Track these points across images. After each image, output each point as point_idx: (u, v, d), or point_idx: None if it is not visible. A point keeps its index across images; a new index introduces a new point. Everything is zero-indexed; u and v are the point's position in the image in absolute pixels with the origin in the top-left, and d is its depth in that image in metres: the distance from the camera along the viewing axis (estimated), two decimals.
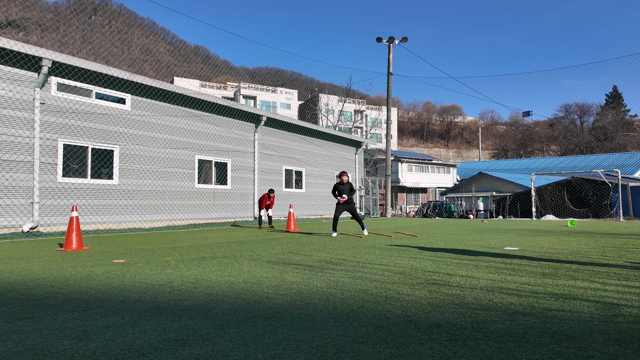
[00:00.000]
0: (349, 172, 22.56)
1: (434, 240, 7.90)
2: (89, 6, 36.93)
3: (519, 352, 1.97)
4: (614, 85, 72.10)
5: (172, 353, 2.00)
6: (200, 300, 3.09)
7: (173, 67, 60.98)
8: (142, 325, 2.48)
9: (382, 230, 11.35)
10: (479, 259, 5.25)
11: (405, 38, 24.21)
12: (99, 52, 28.93)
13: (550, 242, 7.38)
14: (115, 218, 11.92)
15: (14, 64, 9.95)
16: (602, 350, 1.99)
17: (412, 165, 42.63)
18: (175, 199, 13.64)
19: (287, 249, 6.57)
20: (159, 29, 62.12)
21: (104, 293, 3.39)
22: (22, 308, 2.92)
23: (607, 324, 2.42)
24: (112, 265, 4.92)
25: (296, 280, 3.88)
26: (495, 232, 10.09)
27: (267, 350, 2.02)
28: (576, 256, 5.44)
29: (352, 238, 8.67)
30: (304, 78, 73.82)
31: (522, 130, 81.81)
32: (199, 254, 5.99)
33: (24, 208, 10.12)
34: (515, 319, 2.53)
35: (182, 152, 13.91)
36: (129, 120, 12.38)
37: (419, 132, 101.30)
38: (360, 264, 4.84)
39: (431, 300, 3.02)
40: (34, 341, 2.20)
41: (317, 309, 2.80)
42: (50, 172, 10.61)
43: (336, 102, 50.99)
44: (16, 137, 10.02)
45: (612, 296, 3.10)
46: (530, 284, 3.61)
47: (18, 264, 5.07)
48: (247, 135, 16.46)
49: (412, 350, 2.01)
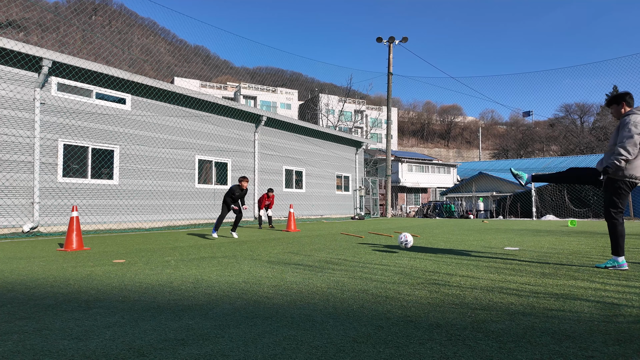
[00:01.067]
0: (349, 173, 22.59)
1: (434, 241, 7.90)
2: (89, 6, 36.96)
3: (519, 352, 1.97)
4: (614, 85, 71.99)
5: (172, 353, 2.00)
6: (201, 300, 3.09)
7: (173, 67, 60.97)
8: (142, 325, 2.48)
9: (382, 230, 11.34)
10: (479, 259, 5.25)
11: (405, 38, 24.21)
12: (99, 52, 28.94)
13: (550, 242, 7.37)
14: (115, 218, 11.92)
15: (15, 64, 9.95)
16: (602, 350, 1.99)
17: (412, 165, 42.63)
18: (176, 199, 13.64)
19: (287, 249, 6.57)
20: (159, 29, 62.06)
21: (104, 293, 3.39)
22: (22, 308, 2.92)
23: (607, 324, 2.42)
24: (112, 265, 4.92)
25: (296, 280, 3.88)
26: (495, 232, 10.08)
27: (267, 350, 2.02)
28: (576, 256, 5.44)
29: (352, 238, 8.67)
30: (304, 78, 73.81)
31: (522, 130, 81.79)
32: (199, 254, 5.99)
33: (25, 208, 10.12)
34: (515, 319, 2.53)
35: (182, 152, 13.91)
36: (129, 120, 12.38)
37: (419, 132, 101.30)
38: (360, 264, 4.84)
39: (431, 300, 3.02)
40: (34, 341, 2.20)
41: (317, 309, 2.80)
42: (51, 172, 10.61)
43: (336, 102, 50.97)
44: (16, 137, 10.02)
45: (612, 296, 3.10)
46: (530, 284, 3.61)
47: (18, 264, 5.08)
48: (248, 135, 16.46)
49: (412, 350, 2.01)
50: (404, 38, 24.21)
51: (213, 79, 68.52)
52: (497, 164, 48.16)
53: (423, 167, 43.73)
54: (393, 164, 38.65)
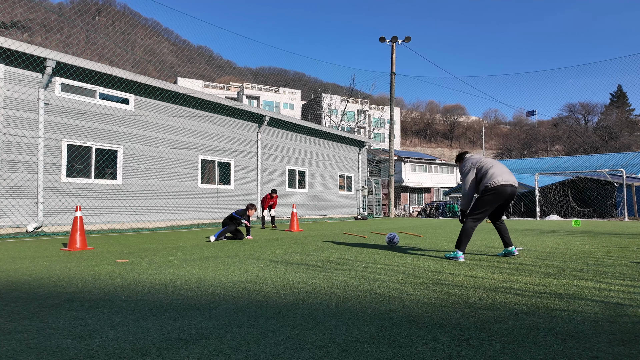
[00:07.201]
0: (352, 172, 22.59)
1: (437, 240, 7.88)
2: (92, 7, 37.11)
3: (523, 353, 1.96)
4: (618, 85, 71.71)
5: (175, 352, 2.00)
6: (203, 300, 3.09)
7: (176, 68, 61.13)
8: (145, 324, 2.48)
9: (385, 230, 11.33)
10: (482, 258, 5.23)
11: (408, 38, 24.15)
12: (103, 52, 29.06)
13: (554, 242, 7.34)
14: (118, 218, 11.96)
15: (19, 64, 10.00)
16: (607, 351, 1.97)
17: (415, 165, 42.55)
18: (179, 199, 13.67)
19: (290, 249, 6.57)
20: (162, 29, 62.22)
21: (107, 292, 3.40)
22: (26, 307, 2.93)
23: (611, 324, 2.40)
24: (116, 265, 4.93)
25: (299, 279, 3.88)
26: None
27: (270, 350, 2.02)
28: (580, 256, 5.41)
29: (355, 238, 8.67)
30: (307, 78, 73.87)
31: (525, 129, 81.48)
32: (202, 254, 6.00)
33: (29, 208, 10.17)
34: (519, 319, 2.52)
35: (185, 152, 13.94)
36: (132, 121, 12.41)
37: (422, 132, 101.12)
38: (363, 264, 4.83)
39: (434, 300, 3.01)
40: (38, 340, 2.21)
41: (320, 309, 2.80)
42: (55, 172, 10.66)
43: (339, 102, 50.98)
44: (21, 137, 10.07)
45: (616, 296, 3.08)
46: (534, 283, 3.59)
47: (22, 264, 5.10)
48: (250, 135, 16.48)
49: (415, 350, 2.00)
50: (407, 38, 24.15)
51: (216, 79, 68.69)
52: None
53: (426, 167, 43.65)
54: (396, 164, 38.61)
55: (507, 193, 4.97)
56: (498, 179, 4.98)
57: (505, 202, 5.10)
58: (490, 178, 5.02)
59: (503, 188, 4.95)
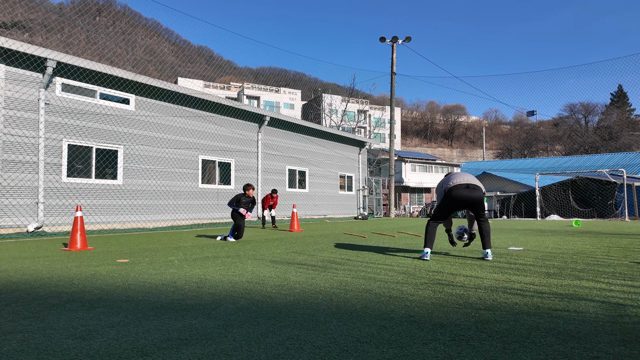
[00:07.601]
0: (352, 172, 22.57)
1: (437, 240, 7.88)
2: (93, 7, 37.13)
3: (524, 353, 1.96)
4: (619, 85, 71.68)
5: (176, 352, 2.00)
6: (204, 300, 3.09)
7: (177, 68, 61.16)
8: (146, 324, 2.48)
9: (386, 230, 11.33)
10: (482, 259, 5.22)
11: (408, 38, 24.14)
12: (103, 52, 29.09)
13: (554, 242, 7.34)
14: (119, 218, 11.97)
15: (19, 64, 10.00)
16: (608, 351, 1.97)
17: (415, 165, 42.53)
18: (179, 199, 13.67)
19: (290, 249, 6.57)
20: (162, 29, 62.30)
21: (107, 292, 3.40)
22: (27, 307, 2.93)
23: (612, 324, 2.40)
24: (116, 265, 4.94)
25: (299, 280, 3.88)
26: (499, 232, 10.05)
27: (271, 350, 2.02)
28: (581, 256, 5.41)
29: (356, 238, 8.67)
30: (307, 78, 73.90)
31: (526, 129, 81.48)
32: (202, 254, 6.00)
33: (29, 208, 10.18)
34: (519, 319, 2.52)
35: (185, 152, 13.95)
36: (133, 121, 12.42)
37: (423, 132, 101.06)
38: (363, 264, 4.83)
39: (435, 300, 3.01)
40: (38, 340, 2.21)
41: (320, 309, 2.80)
42: (55, 172, 10.66)
43: (339, 102, 50.96)
44: (21, 137, 10.07)
45: (617, 296, 3.08)
46: (534, 284, 3.59)
47: (23, 264, 5.10)
48: (251, 135, 16.48)
49: (415, 351, 2.00)
50: (407, 38, 24.15)
51: (216, 79, 68.69)
52: (501, 163, 48.00)
53: (426, 167, 43.62)
54: (396, 164, 38.60)
55: (458, 195, 5.07)
56: (449, 184, 5.23)
57: (463, 203, 5.15)
58: (446, 185, 5.32)
59: (450, 192, 5.15)
